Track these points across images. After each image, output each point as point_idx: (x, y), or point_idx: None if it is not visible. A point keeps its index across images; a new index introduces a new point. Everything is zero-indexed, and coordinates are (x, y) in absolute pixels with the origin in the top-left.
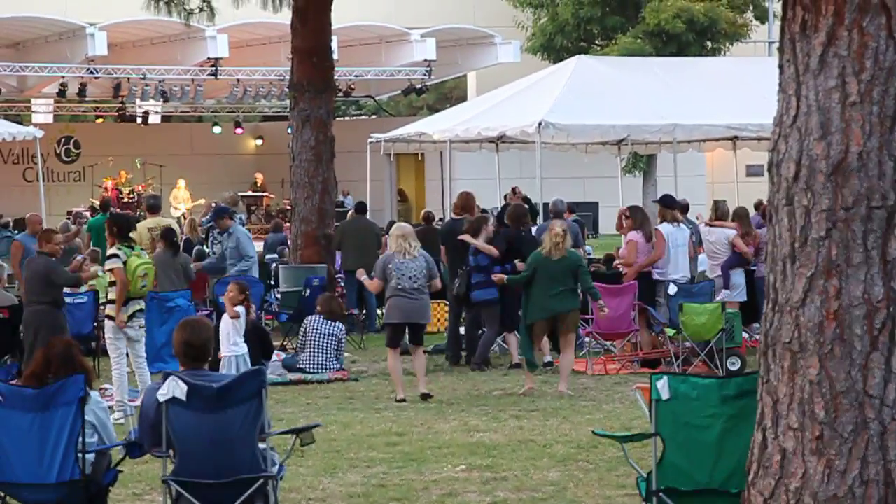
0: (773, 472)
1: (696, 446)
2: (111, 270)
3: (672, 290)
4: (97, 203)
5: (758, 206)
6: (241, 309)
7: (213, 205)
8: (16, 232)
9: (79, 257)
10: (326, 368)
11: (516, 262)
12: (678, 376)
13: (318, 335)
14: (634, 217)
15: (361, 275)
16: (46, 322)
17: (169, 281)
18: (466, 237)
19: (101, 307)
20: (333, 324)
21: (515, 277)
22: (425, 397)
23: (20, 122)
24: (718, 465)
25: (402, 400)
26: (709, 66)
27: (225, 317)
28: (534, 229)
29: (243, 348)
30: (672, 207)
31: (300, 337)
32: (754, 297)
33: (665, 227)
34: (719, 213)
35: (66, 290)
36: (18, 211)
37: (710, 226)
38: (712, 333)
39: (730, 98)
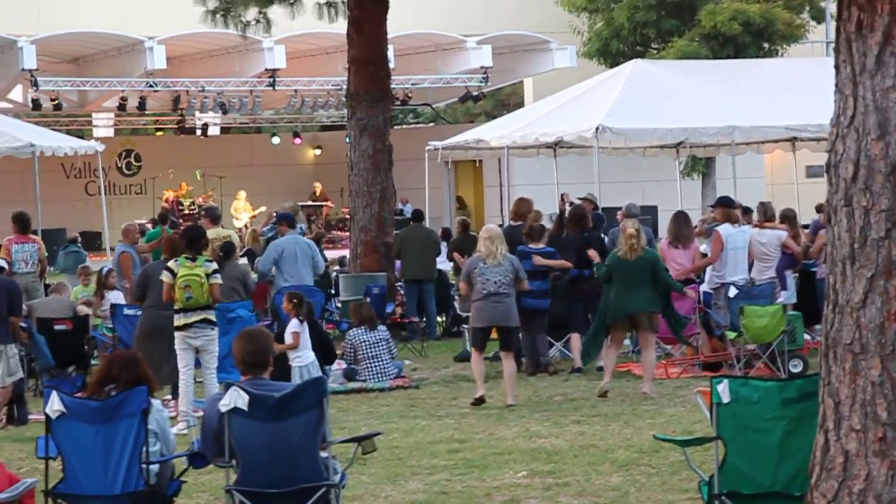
0: (836, 474)
1: (758, 449)
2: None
3: (732, 292)
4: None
5: (819, 208)
6: (294, 321)
7: (274, 214)
8: (82, 247)
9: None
10: (386, 375)
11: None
12: (739, 379)
13: (366, 346)
14: (669, 225)
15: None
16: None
17: (227, 292)
18: (540, 259)
19: None
20: (375, 330)
21: (600, 273)
22: (510, 406)
23: (81, 137)
24: (781, 467)
25: (481, 399)
26: (766, 67)
27: (287, 328)
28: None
29: (308, 357)
30: (732, 207)
31: (348, 353)
32: (815, 299)
33: (725, 229)
34: (768, 214)
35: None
36: (82, 225)
37: (761, 228)
38: (774, 335)
39: (788, 99)
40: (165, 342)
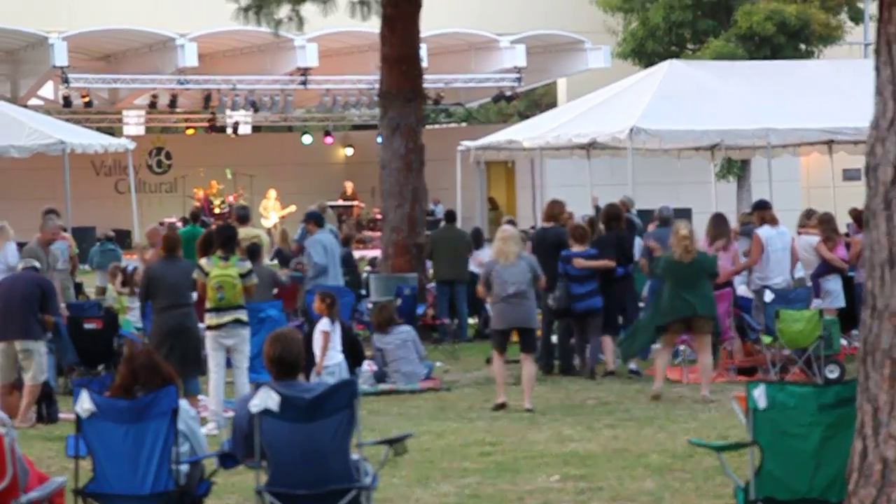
0: (875, 481)
1: (795, 455)
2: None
3: (768, 296)
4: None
5: (856, 215)
6: (325, 321)
7: None
8: (115, 245)
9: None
10: (416, 376)
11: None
12: (775, 384)
13: (391, 349)
14: (708, 226)
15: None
16: (195, 324)
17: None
18: (581, 262)
19: None
20: (393, 333)
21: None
22: (528, 411)
23: (112, 135)
24: (818, 474)
25: (502, 405)
26: (803, 68)
27: (317, 327)
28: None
29: (337, 357)
30: (767, 210)
31: (377, 356)
32: (853, 304)
33: (764, 231)
34: (806, 220)
35: None
36: (112, 222)
37: (800, 233)
38: (810, 340)
39: (825, 101)
40: (183, 341)
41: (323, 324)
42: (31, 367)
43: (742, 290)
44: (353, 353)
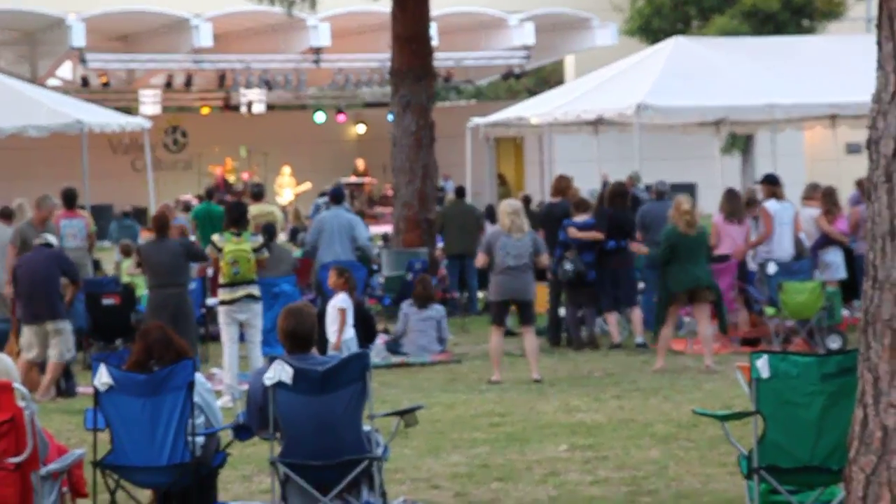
0: (875, 448)
1: (797, 424)
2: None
3: (771, 269)
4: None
5: (859, 184)
6: (343, 296)
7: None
8: (133, 220)
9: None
10: (428, 351)
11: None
12: (778, 355)
13: (414, 321)
14: (722, 201)
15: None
16: (185, 302)
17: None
18: (574, 232)
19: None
20: (430, 306)
21: (657, 255)
22: (536, 382)
23: (129, 114)
24: (819, 442)
25: (497, 382)
26: (806, 44)
27: (331, 302)
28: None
29: (349, 332)
30: (777, 185)
31: (399, 323)
32: (854, 275)
33: (771, 205)
34: (809, 193)
35: None
36: (129, 200)
37: (804, 205)
38: (812, 311)
39: (828, 76)
40: (169, 321)
41: (340, 300)
42: (58, 344)
43: (748, 262)
44: (365, 329)
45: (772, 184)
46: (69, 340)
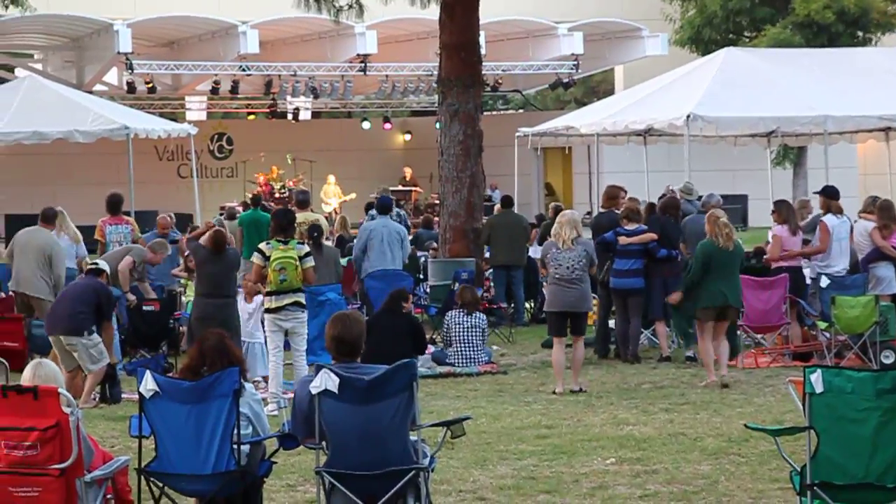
0: None
1: (851, 440)
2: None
3: (824, 282)
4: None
5: None
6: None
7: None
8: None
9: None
10: (475, 361)
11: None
12: (832, 369)
13: (461, 329)
14: (779, 211)
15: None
16: (232, 315)
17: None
18: (624, 239)
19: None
20: (474, 315)
21: (690, 279)
22: (575, 392)
23: (175, 120)
24: (874, 459)
25: (562, 394)
26: (860, 56)
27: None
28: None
29: None
30: (835, 198)
31: (444, 333)
32: None
33: (829, 219)
34: (867, 206)
35: None
36: (174, 207)
37: (860, 218)
38: (865, 326)
39: (882, 88)
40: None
41: None
42: (79, 359)
43: (806, 273)
44: (416, 341)
45: (829, 196)
46: (92, 353)
